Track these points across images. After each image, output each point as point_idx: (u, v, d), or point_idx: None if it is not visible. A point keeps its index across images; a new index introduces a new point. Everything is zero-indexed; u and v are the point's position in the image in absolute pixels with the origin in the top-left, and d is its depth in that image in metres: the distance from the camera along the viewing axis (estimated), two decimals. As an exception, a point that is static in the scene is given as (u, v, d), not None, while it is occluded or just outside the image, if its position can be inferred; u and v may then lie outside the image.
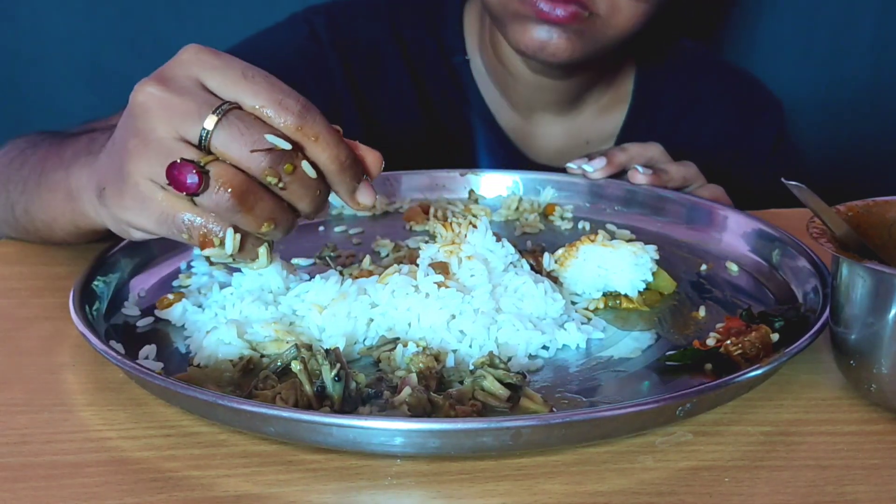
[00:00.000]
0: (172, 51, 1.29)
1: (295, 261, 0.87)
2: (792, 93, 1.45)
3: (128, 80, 0.68)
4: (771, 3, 1.61)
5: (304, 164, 0.64)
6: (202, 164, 0.62)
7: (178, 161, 0.62)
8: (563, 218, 1.02)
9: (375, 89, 1.25)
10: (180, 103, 0.63)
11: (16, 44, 1.56)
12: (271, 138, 0.62)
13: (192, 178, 0.61)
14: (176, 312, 0.76)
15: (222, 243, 0.64)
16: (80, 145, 0.79)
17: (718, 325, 0.75)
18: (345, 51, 1.23)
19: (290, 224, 0.67)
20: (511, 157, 1.26)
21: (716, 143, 1.31)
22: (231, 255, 0.65)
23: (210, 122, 0.62)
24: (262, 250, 0.67)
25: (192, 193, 0.62)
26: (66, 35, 1.56)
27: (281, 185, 0.64)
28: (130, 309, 0.78)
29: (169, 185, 0.62)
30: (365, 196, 0.69)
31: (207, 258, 0.66)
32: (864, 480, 0.58)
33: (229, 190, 0.62)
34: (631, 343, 0.75)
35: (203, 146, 0.63)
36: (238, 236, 0.64)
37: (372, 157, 0.69)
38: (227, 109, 0.63)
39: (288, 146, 0.63)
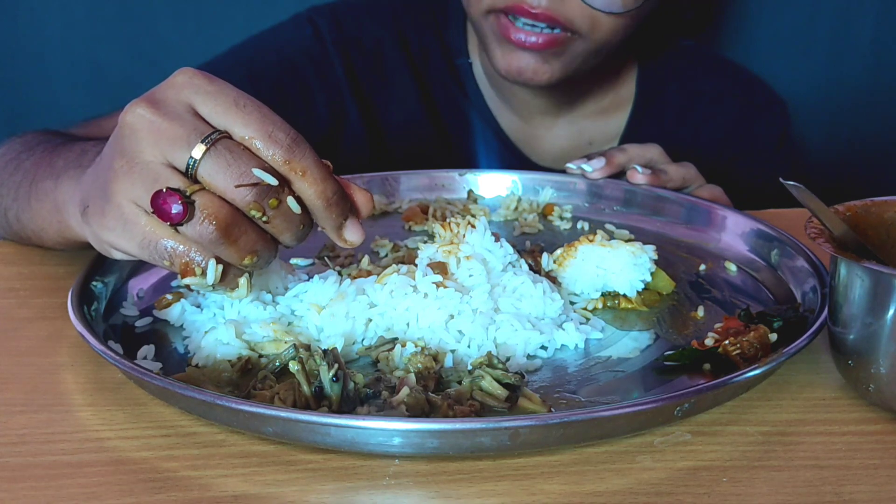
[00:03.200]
0: (172, 51, 1.29)
1: (294, 261, 0.88)
2: (792, 93, 1.45)
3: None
4: (771, 3, 1.61)
5: (290, 200, 0.64)
6: (188, 194, 0.61)
7: (164, 190, 0.61)
8: (561, 218, 1.02)
9: (378, 89, 1.25)
10: (169, 128, 0.62)
11: (16, 43, 1.56)
12: (258, 173, 0.62)
13: (176, 208, 0.61)
14: (174, 312, 0.76)
15: (204, 273, 0.64)
16: (71, 156, 0.79)
17: (717, 325, 0.74)
18: (348, 51, 1.24)
19: (272, 255, 0.66)
20: (513, 159, 1.26)
21: (719, 141, 1.31)
22: (211, 285, 0.65)
23: (198, 150, 0.62)
24: (243, 280, 0.67)
25: (176, 223, 0.62)
26: (66, 35, 1.56)
27: (265, 218, 0.63)
28: (129, 309, 0.78)
29: (153, 212, 0.62)
30: (352, 233, 0.68)
31: (187, 285, 0.66)
32: (862, 480, 0.58)
33: (214, 222, 0.62)
34: (629, 343, 0.75)
35: (189, 174, 0.62)
36: (220, 267, 0.64)
37: (362, 198, 0.69)
38: (216, 139, 0.62)
39: (274, 182, 0.62)
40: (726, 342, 0.69)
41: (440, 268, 0.76)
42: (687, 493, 0.56)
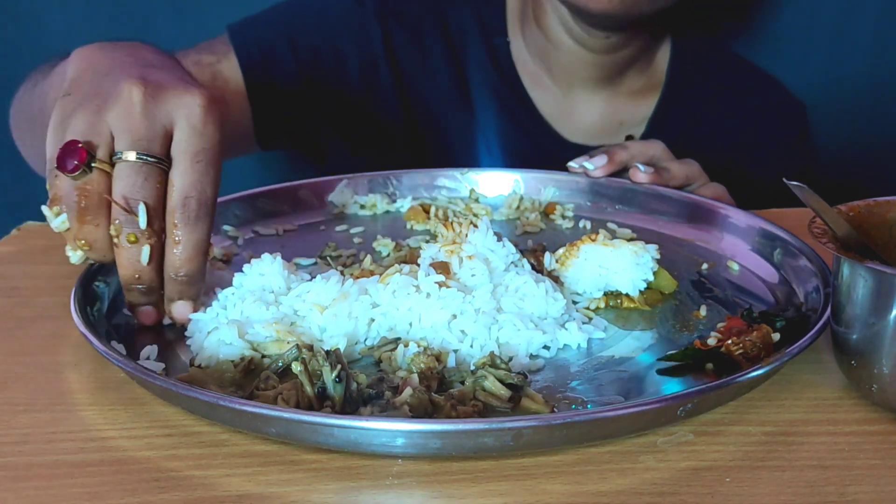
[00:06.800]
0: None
1: (296, 260, 0.88)
2: (793, 93, 1.45)
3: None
4: (771, 4, 1.61)
5: (144, 249, 0.68)
6: (92, 163, 0.67)
7: (79, 145, 0.67)
8: (564, 217, 1.02)
9: (414, 63, 1.28)
10: (137, 122, 0.68)
11: (16, 43, 1.56)
12: (140, 208, 0.67)
13: (70, 164, 0.67)
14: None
15: (56, 214, 0.68)
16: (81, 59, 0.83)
17: (719, 325, 0.75)
18: (387, 23, 1.26)
19: (105, 261, 0.71)
20: (545, 136, 1.28)
21: (738, 136, 1.32)
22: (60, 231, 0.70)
23: (132, 155, 0.67)
24: (76, 254, 0.70)
25: (59, 170, 0.67)
26: (66, 34, 1.56)
27: (115, 240, 0.68)
28: (131, 308, 0.78)
29: (59, 149, 0.67)
30: (178, 311, 0.73)
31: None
32: (865, 481, 0.58)
33: (80, 198, 0.67)
34: (632, 343, 0.75)
35: (112, 158, 0.68)
36: (66, 224, 0.68)
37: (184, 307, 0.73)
38: (152, 162, 0.68)
39: (141, 225, 0.67)
40: (729, 342, 0.69)
41: (442, 267, 0.76)
42: (690, 493, 0.56)
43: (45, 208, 0.69)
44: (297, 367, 0.63)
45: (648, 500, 0.56)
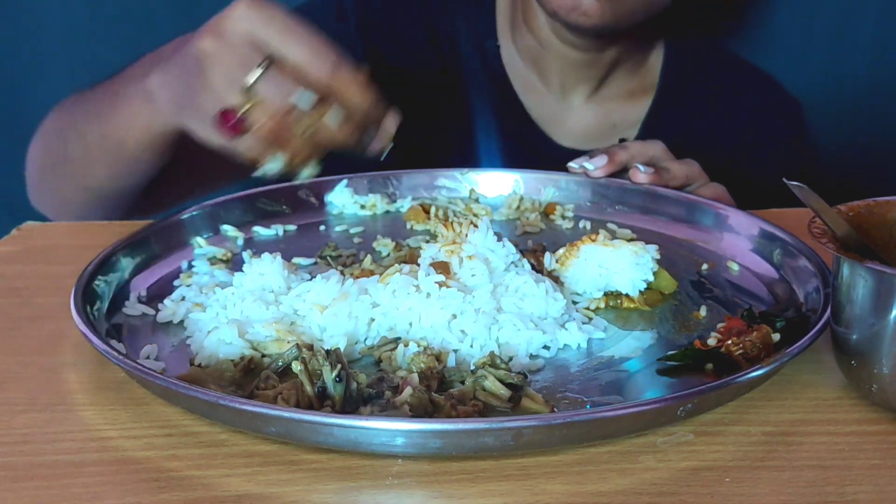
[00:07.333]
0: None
1: (296, 260, 0.88)
2: (793, 93, 1.45)
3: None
4: (770, 3, 1.61)
5: (328, 116, 0.77)
6: (245, 110, 0.76)
7: (223, 110, 0.76)
8: (564, 217, 1.02)
9: (401, 71, 1.26)
10: (231, 56, 0.77)
11: (16, 43, 1.56)
12: (300, 93, 0.75)
13: (232, 124, 0.76)
14: (178, 312, 0.76)
15: (270, 163, 0.79)
16: (143, 67, 0.91)
17: (719, 325, 0.75)
18: (370, 33, 1.25)
19: (321, 154, 0.80)
20: (536, 140, 1.28)
21: (736, 136, 1.32)
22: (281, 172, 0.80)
23: (253, 76, 0.76)
24: (308, 169, 0.81)
25: (234, 133, 0.77)
26: (66, 35, 1.56)
27: (311, 131, 0.77)
28: (131, 308, 0.78)
29: (219, 128, 0.77)
30: (392, 123, 0.85)
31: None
32: (865, 481, 0.58)
33: (264, 134, 0.77)
34: (632, 343, 0.75)
35: (249, 93, 0.76)
36: (280, 162, 0.79)
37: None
38: (269, 64, 0.76)
39: (308, 106, 0.76)
40: (729, 342, 0.69)
41: (443, 267, 0.76)
42: (690, 493, 0.56)
43: (259, 172, 0.79)
44: (297, 367, 0.63)
45: (648, 500, 0.56)
